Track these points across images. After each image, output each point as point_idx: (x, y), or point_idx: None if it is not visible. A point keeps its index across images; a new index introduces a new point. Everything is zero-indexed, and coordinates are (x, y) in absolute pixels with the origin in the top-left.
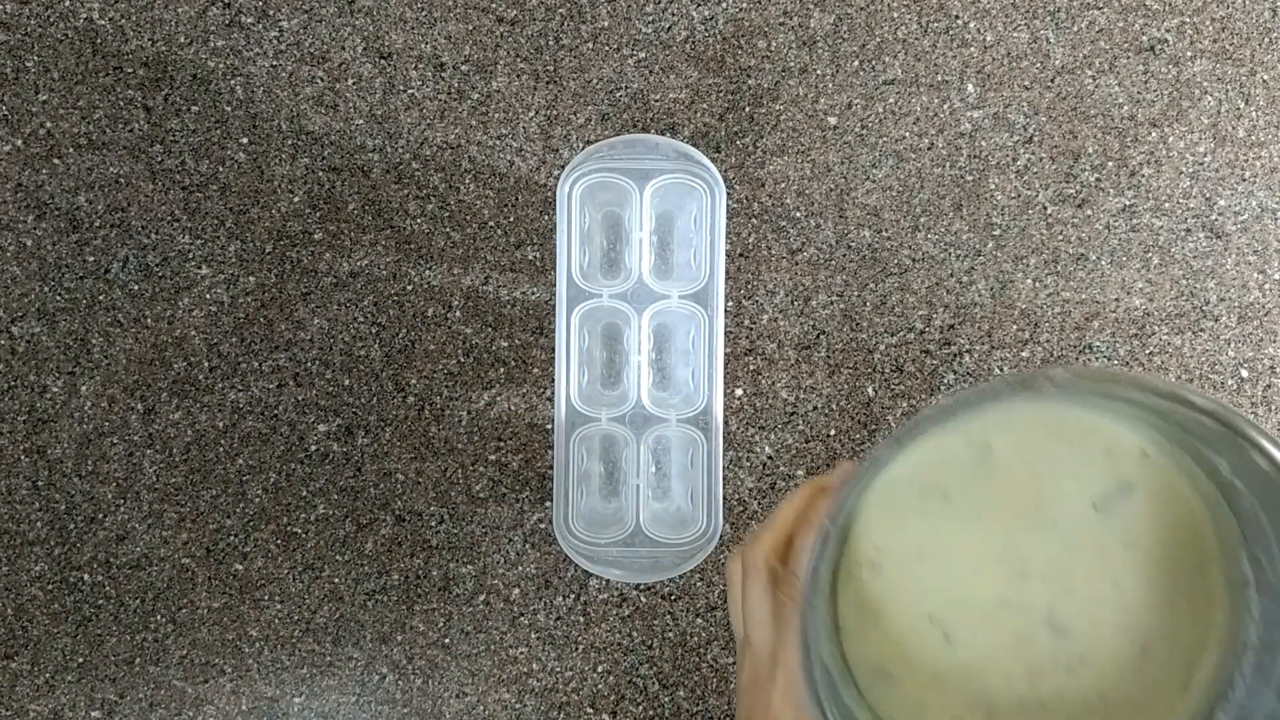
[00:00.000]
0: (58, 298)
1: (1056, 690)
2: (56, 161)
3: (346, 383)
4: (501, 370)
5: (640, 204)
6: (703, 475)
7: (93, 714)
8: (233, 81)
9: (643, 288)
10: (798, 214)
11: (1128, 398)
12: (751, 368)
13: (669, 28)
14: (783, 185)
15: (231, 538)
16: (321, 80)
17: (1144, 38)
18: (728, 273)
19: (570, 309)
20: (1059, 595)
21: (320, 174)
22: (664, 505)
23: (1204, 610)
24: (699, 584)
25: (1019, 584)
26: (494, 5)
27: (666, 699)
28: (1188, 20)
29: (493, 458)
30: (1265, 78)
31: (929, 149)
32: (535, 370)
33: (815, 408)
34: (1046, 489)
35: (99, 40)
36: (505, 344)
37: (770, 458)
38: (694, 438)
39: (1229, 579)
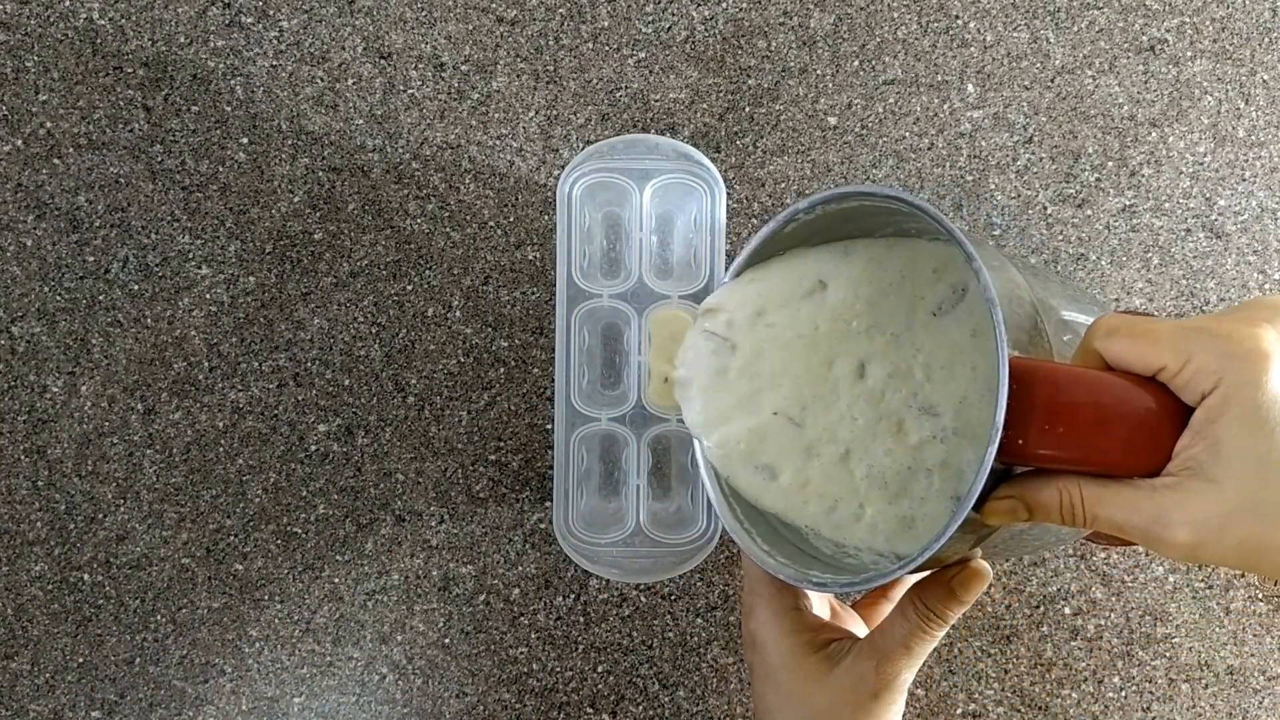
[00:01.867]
0: (58, 298)
1: (940, 457)
2: (56, 161)
3: (346, 383)
4: (501, 370)
5: (640, 204)
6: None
7: (93, 714)
8: (233, 81)
9: (643, 288)
10: None
11: (855, 203)
12: None
13: (669, 28)
14: (783, 185)
15: (231, 538)
16: (321, 80)
17: (1144, 38)
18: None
19: (570, 309)
20: (921, 387)
21: (320, 174)
22: (664, 505)
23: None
24: (699, 584)
25: (869, 382)
26: (494, 5)
27: (666, 699)
28: (1188, 20)
29: (493, 458)
30: (1265, 78)
31: (929, 149)
32: (535, 370)
33: None
34: (884, 312)
35: (99, 40)
36: (505, 344)
37: None
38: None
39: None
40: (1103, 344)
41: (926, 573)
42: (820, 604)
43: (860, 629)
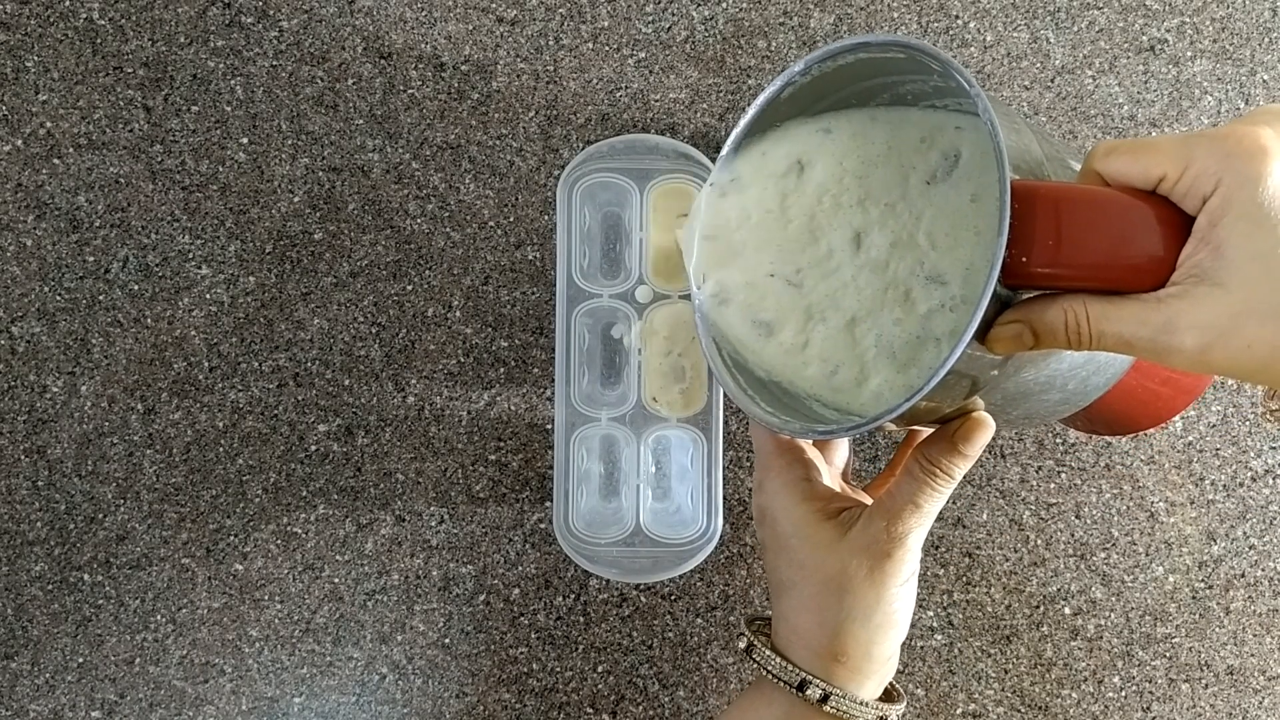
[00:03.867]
0: (58, 298)
1: (949, 325)
2: (56, 161)
3: (346, 383)
4: (501, 370)
5: (640, 204)
6: (703, 475)
7: (93, 714)
8: (233, 81)
9: (643, 288)
10: None
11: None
12: None
13: (669, 28)
14: None
15: (231, 538)
16: (321, 80)
17: (1144, 38)
18: None
19: (570, 309)
20: (926, 255)
21: (320, 174)
22: (664, 505)
23: None
24: (699, 584)
25: (871, 253)
26: (494, 5)
27: (666, 699)
28: (1188, 20)
29: (493, 458)
30: (1265, 78)
31: None
32: (535, 370)
33: None
34: (875, 184)
35: (99, 40)
36: (505, 344)
37: None
38: (694, 438)
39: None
40: (1102, 163)
41: (930, 430)
42: (831, 479)
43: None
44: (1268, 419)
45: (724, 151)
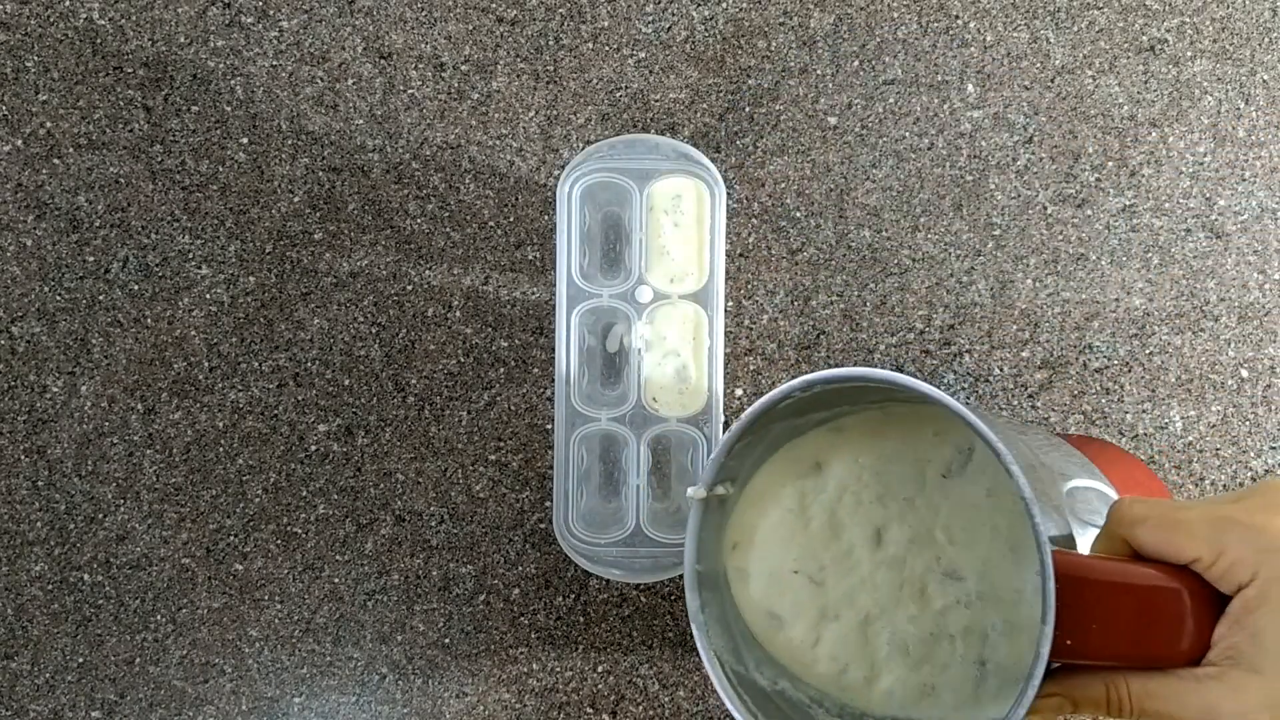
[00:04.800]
0: (58, 298)
1: (964, 622)
2: (56, 161)
3: (346, 383)
4: (501, 370)
5: (640, 204)
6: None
7: (93, 714)
8: (233, 81)
9: (643, 288)
10: (798, 214)
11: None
12: (751, 368)
13: (669, 28)
14: (783, 185)
15: (231, 538)
16: (321, 80)
17: (1144, 38)
18: (728, 273)
19: (570, 309)
20: (944, 550)
21: (320, 174)
22: (664, 505)
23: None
24: None
25: (890, 549)
26: (494, 5)
27: (666, 699)
28: (1188, 20)
29: (493, 458)
30: (1265, 78)
31: (929, 149)
32: (535, 370)
33: None
34: (892, 480)
35: (99, 40)
36: (505, 344)
37: None
38: (694, 438)
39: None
40: (1130, 533)
41: None
42: None
43: None
44: None
45: (718, 453)
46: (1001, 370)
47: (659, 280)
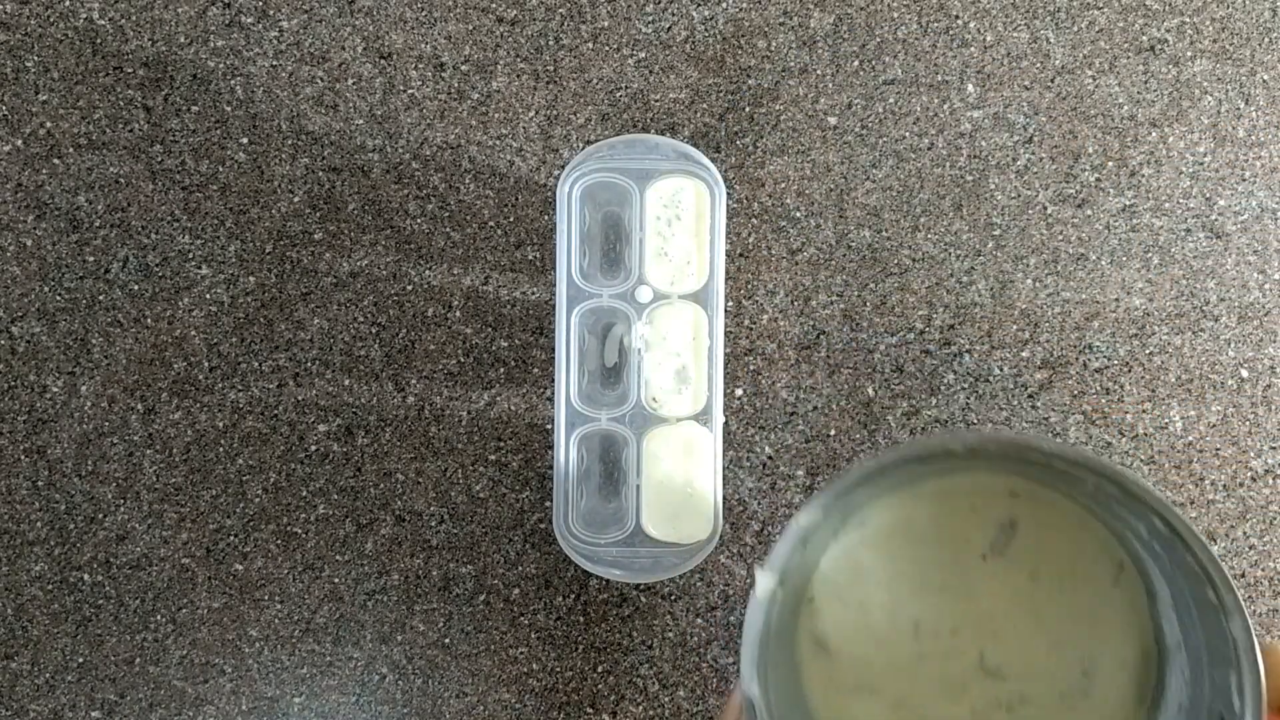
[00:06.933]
0: (58, 298)
1: None
2: (56, 161)
3: (346, 383)
4: (501, 370)
5: (640, 204)
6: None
7: (93, 714)
8: (233, 81)
9: (643, 288)
10: (798, 214)
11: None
12: (751, 368)
13: (669, 28)
14: (783, 185)
15: (231, 538)
16: (321, 80)
17: (1144, 38)
18: (728, 273)
19: (570, 309)
20: (986, 642)
21: (320, 174)
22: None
23: (1132, 618)
24: (699, 584)
25: (932, 642)
26: (494, 5)
27: (666, 699)
28: (1188, 20)
29: (493, 458)
30: (1265, 78)
31: (929, 149)
32: (535, 370)
33: (815, 408)
34: (926, 563)
35: (99, 40)
36: (505, 344)
37: (770, 458)
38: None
39: (1145, 581)
40: None
41: None
42: None
43: None
44: None
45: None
46: (1001, 370)
47: (659, 280)
